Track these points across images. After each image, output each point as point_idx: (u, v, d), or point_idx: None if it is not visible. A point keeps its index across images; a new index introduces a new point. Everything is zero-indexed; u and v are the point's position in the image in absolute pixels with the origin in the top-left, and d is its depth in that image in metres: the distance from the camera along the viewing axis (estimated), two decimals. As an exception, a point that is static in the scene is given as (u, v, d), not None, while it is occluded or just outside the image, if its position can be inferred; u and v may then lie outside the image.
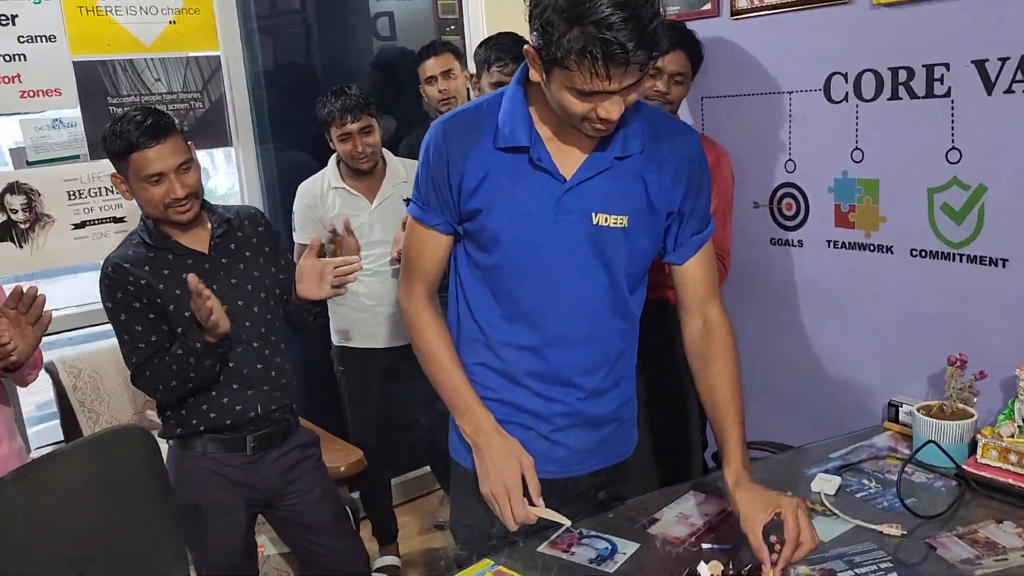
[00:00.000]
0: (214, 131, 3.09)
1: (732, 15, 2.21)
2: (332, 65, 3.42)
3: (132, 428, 1.63)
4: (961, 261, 1.86)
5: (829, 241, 2.13)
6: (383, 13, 3.49)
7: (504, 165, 1.37)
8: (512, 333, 1.47)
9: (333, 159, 2.76)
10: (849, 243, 2.08)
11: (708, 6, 2.27)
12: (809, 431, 2.22)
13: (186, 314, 1.94)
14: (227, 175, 3.28)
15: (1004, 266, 1.79)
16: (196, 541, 2.04)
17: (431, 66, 2.87)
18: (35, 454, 2.42)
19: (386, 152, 2.77)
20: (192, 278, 1.76)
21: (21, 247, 2.75)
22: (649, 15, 1.16)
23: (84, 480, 1.49)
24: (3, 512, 1.35)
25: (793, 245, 2.21)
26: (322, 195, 2.74)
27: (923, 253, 1.93)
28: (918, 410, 1.77)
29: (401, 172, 2.72)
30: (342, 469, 2.52)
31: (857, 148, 2.02)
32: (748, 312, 2.36)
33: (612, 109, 1.24)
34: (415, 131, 3.13)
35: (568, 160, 1.39)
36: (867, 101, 1.97)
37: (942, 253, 1.89)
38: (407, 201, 1.66)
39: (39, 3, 2.71)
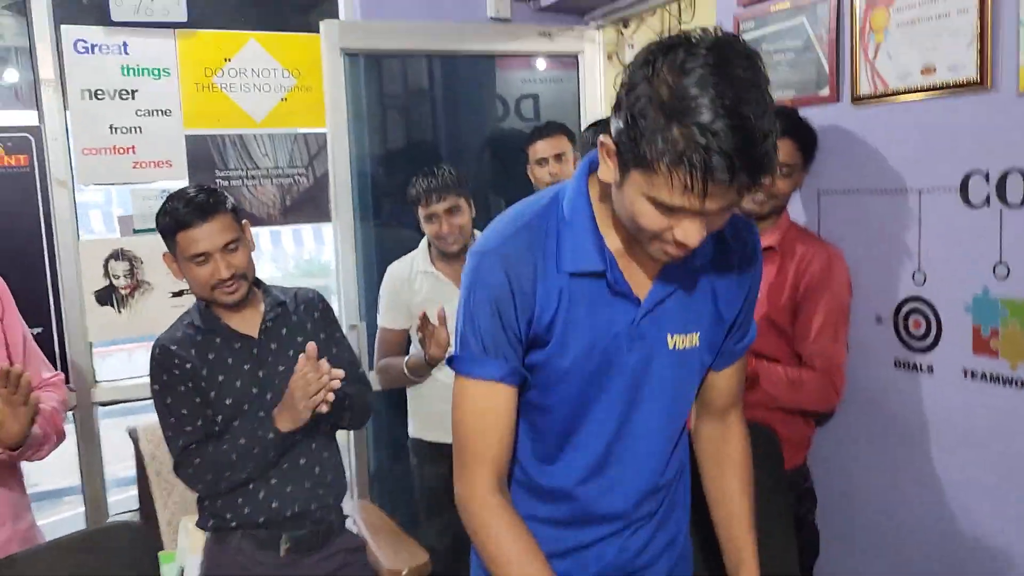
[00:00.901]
0: (317, 205, 3.07)
1: (853, 101, 1.93)
2: (448, 143, 3.34)
3: (125, 525, 1.54)
4: None
5: (966, 371, 1.75)
6: (528, 95, 3.40)
7: (576, 292, 1.16)
8: (555, 476, 1.28)
9: (424, 242, 2.65)
10: (991, 375, 1.71)
11: (826, 91, 1.99)
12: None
13: (227, 402, 1.86)
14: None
15: None
16: (222, 647, 1.89)
17: (542, 148, 2.75)
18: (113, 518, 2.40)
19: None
20: (311, 347, 1.72)
21: (120, 312, 2.80)
22: (763, 130, 0.95)
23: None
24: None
25: (922, 371, 1.85)
26: (410, 278, 2.62)
27: (1084, 397, 1.54)
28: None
29: None
30: (404, 573, 2.32)
31: (1001, 262, 1.66)
32: (868, 447, 2.00)
33: (692, 233, 1.03)
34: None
35: (639, 277, 1.20)
36: (1013, 207, 1.62)
37: (1109, 400, 1.50)
38: None
39: (159, 79, 2.79)
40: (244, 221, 1.93)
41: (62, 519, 3.51)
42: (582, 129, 2.86)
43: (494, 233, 1.18)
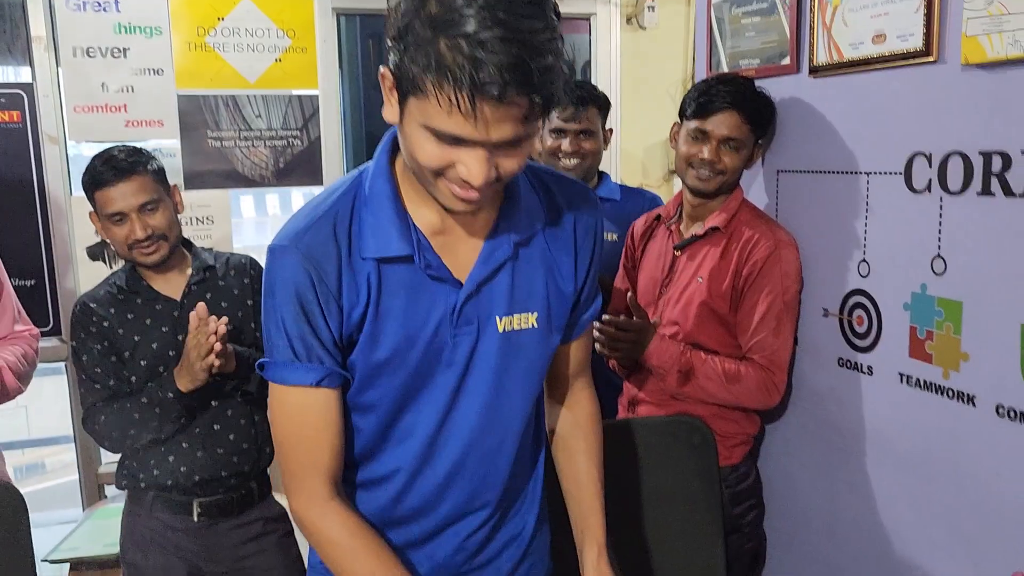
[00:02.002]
0: (311, 168, 3.06)
1: (811, 72, 1.75)
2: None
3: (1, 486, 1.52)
4: (1059, 435, 1.28)
5: (901, 375, 1.58)
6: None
7: (388, 280, 1.07)
8: (376, 473, 1.20)
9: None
10: (924, 382, 1.53)
11: (787, 60, 1.82)
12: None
13: (142, 362, 1.85)
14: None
15: (1119, 455, 1.19)
16: (136, 605, 1.92)
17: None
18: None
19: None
20: (201, 307, 1.70)
21: (111, 267, 2.86)
22: (537, 47, 0.86)
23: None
24: None
25: (863, 371, 1.68)
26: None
27: (1011, 414, 1.36)
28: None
29: None
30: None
31: (939, 256, 1.48)
32: (811, 449, 1.85)
33: (475, 167, 0.93)
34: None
35: (460, 257, 1.11)
36: (953, 194, 1.44)
37: (1035, 418, 1.32)
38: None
39: (151, 37, 2.80)
40: (172, 184, 1.91)
41: (63, 464, 3.68)
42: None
43: (292, 224, 1.07)
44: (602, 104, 2.33)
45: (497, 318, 1.12)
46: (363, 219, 1.06)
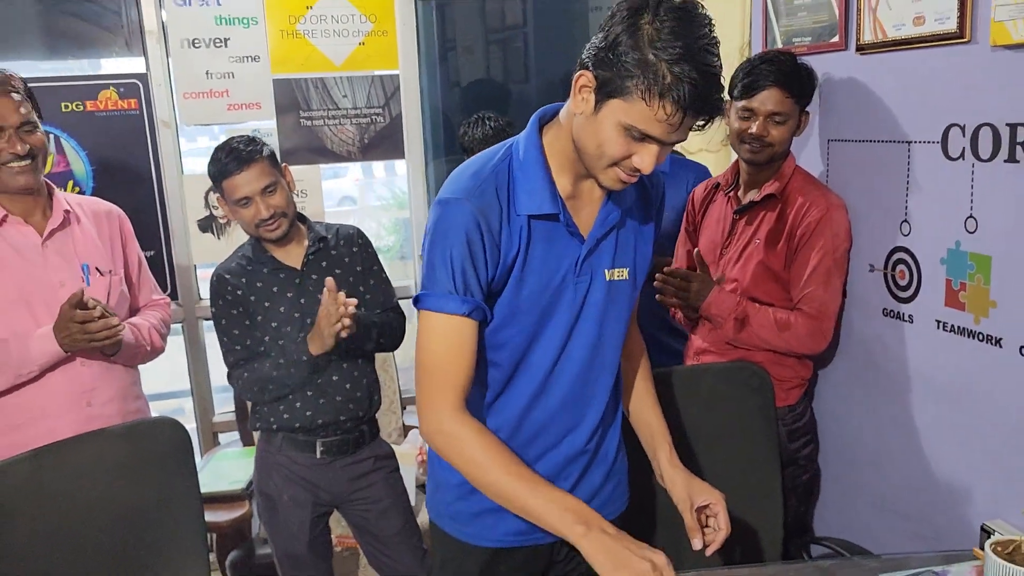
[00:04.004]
0: (393, 143, 3.31)
1: (858, 50, 1.93)
2: (518, 83, 3.49)
3: (166, 420, 1.82)
4: (1075, 371, 1.48)
5: (938, 322, 1.79)
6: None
7: (535, 233, 1.31)
8: (497, 410, 1.44)
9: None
10: (958, 328, 1.73)
11: (836, 38, 2.00)
12: (897, 538, 1.90)
13: (273, 324, 2.12)
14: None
15: (1122, 387, 1.39)
16: (270, 528, 2.24)
17: None
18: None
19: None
20: (329, 281, 1.94)
21: (219, 238, 3.18)
22: (720, 80, 1.17)
23: (109, 464, 1.71)
24: (22, 487, 1.60)
25: (905, 320, 1.89)
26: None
27: (1033, 353, 1.56)
28: (992, 547, 1.44)
29: None
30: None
31: (971, 216, 1.67)
32: (859, 392, 2.07)
33: (648, 160, 1.21)
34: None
35: (581, 217, 1.37)
36: (984, 161, 1.62)
37: (1054, 357, 1.52)
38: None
39: (248, 27, 3.08)
40: (283, 164, 2.16)
41: (177, 413, 4.07)
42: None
43: (461, 183, 1.29)
44: None
45: (605, 270, 1.38)
46: (517, 181, 1.30)
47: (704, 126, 1.20)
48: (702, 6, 1.17)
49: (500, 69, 3.50)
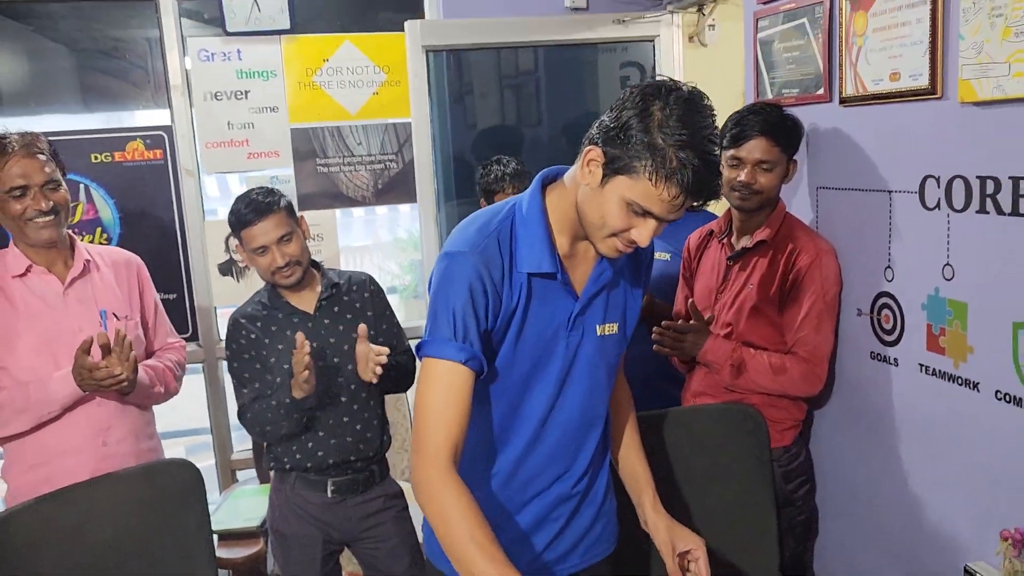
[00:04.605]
0: (406, 187, 3.43)
1: (841, 102, 2.01)
2: (523, 130, 3.60)
3: (179, 462, 1.92)
4: (1046, 416, 1.53)
5: (921, 365, 1.84)
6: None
7: (535, 290, 1.39)
8: (506, 448, 1.51)
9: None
10: (939, 372, 1.78)
11: (821, 91, 2.08)
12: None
13: (285, 366, 2.22)
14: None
15: (1090, 432, 1.44)
16: (283, 565, 2.32)
17: None
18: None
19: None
20: (299, 336, 2.02)
21: (239, 281, 3.30)
22: (719, 167, 1.28)
23: (125, 504, 1.81)
24: (44, 527, 1.69)
25: (891, 363, 1.94)
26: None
27: (1007, 398, 1.61)
28: (971, 587, 1.49)
29: None
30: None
31: (948, 264, 1.73)
32: (851, 433, 2.12)
33: (646, 234, 1.30)
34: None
35: (576, 275, 1.46)
36: (958, 211, 1.69)
37: (1026, 402, 1.57)
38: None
39: (267, 80, 3.23)
40: (300, 215, 2.27)
41: (197, 450, 4.17)
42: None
43: (467, 237, 1.36)
44: None
45: (596, 325, 1.46)
46: (519, 239, 1.37)
47: (699, 205, 1.29)
48: (707, 97, 1.26)
49: (509, 116, 3.62)
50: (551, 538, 1.56)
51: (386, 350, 2.02)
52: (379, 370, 2.01)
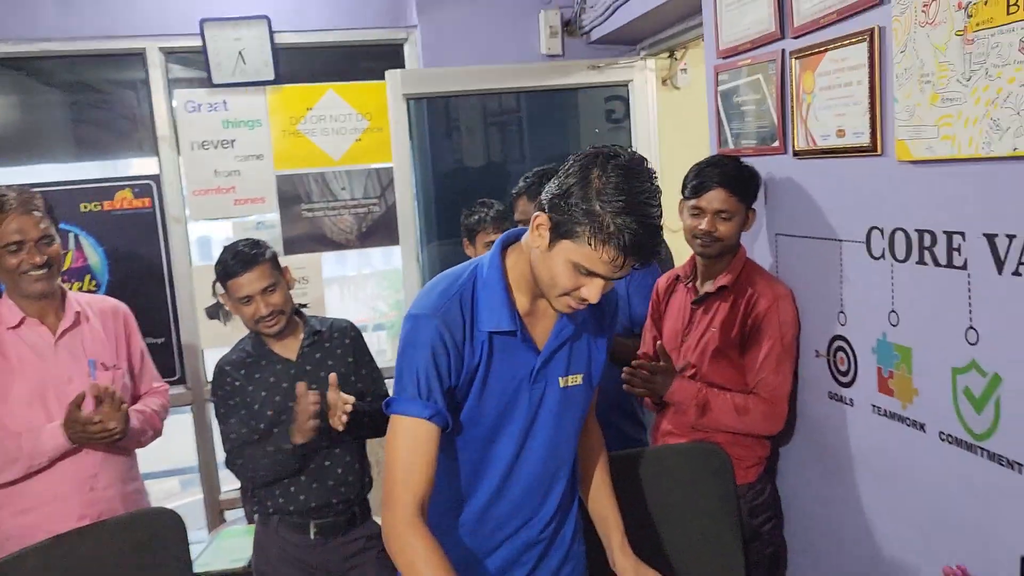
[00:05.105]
0: (389, 230, 3.53)
1: (794, 155, 2.11)
2: (498, 174, 3.70)
3: (164, 511, 1.99)
4: (982, 456, 1.61)
5: (874, 406, 1.93)
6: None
7: (496, 347, 1.47)
8: (473, 497, 1.59)
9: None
10: (889, 412, 1.87)
11: (776, 143, 2.18)
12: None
13: (268, 413, 2.29)
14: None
15: (1021, 471, 1.52)
16: (266, 606, 2.38)
17: None
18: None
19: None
20: (301, 385, 2.11)
21: (225, 324, 3.38)
22: (659, 228, 1.34)
23: (112, 551, 1.88)
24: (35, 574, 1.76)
25: (847, 403, 2.03)
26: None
27: (950, 439, 1.69)
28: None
29: None
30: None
31: (893, 311, 1.82)
32: (814, 471, 2.20)
33: (595, 292, 1.38)
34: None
35: (537, 331, 1.55)
36: (900, 262, 1.78)
37: (965, 443, 1.65)
38: None
39: (253, 129, 3.33)
40: (285, 266, 2.36)
41: (187, 489, 4.23)
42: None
43: (431, 300, 1.45)
44: None
45: (559, 377, 1.54)
46: (479, 300, 1.46)
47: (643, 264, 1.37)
48: (647, 161, 1.35)
49: (492, 155, 3.73)
50: None
51: (351, 399, 2.08)
52: (345, 418, 2.07)
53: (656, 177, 1.34)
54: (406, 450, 1.41)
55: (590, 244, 1.31)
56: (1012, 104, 1.42)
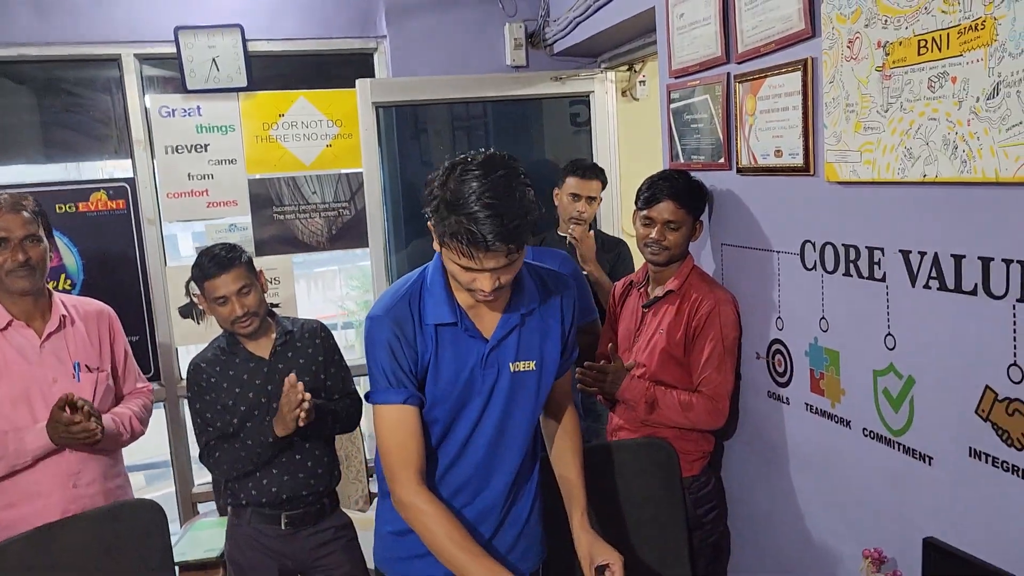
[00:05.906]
0: (359, 233, 3.64)
1: (738, 171, 2.28)
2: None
3: (147, 503, 2.10)
4: (899, 450, 1.78)
5: (807, 404, 2.10)
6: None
7: (443, 337, 1.65)
8: (441, 461, 1.75)
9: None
10: (820, 410, 2.05)
11: (722, 159, 2.35)
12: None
13: (241, 409, 2.40)
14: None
15: (930, 464, 1.70)
16: (238, 593, 2.49)
17: (581, 186, 3.07)
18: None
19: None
20: (291, 377, 2.22)
21: (199, 323, 3.48)
22: (513, 214, 1.45)
23: (94, 542, 1.98)
24: (18, 566, 1.86)
25: (784, 402, 2.20)
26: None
27: (872, 435, 1.87)
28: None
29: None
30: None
31: (823, 317, 2.00)
32: (755, 465, 2.37)
33: (484, 283, 1.54)
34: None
35: (486, 323, 1.70)
36: (830, 273, 1.95)
37: (884, 438, 1.82)
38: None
39: (226, 134, 3.43)
40: (259, 270, 2.47)
41: (164, 480, 4.32)
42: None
43: (384, 302, 1.66)
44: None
45: (510, 363, 1.69)
46: (425, 298, 1.65)
47: (519, 249, 1.50)
48: (500, 161, 1.48)
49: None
50: None
51: (308, 396, 2.20)
52: (302, 414, 2.19)
53: (501, 174, 1.45)
54: (393, 433, 1.62)
55: (447, 246, 1.48)
56: (922, 135, 1.59)
